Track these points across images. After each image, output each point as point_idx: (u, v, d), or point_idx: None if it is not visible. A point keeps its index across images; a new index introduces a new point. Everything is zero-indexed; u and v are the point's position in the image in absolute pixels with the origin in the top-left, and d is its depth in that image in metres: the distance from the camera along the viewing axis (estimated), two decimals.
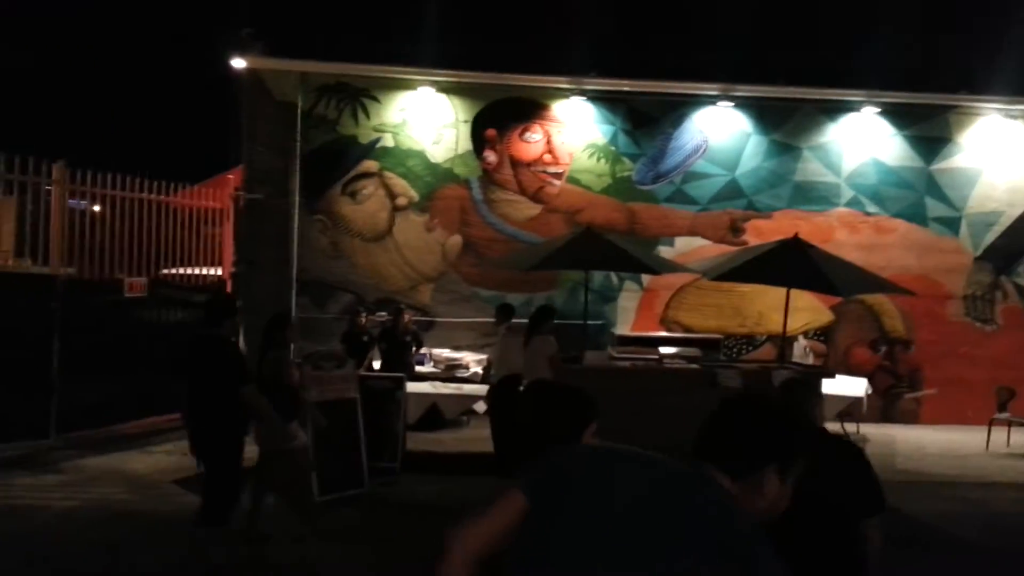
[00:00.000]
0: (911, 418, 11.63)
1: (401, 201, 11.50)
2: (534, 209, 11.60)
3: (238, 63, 11.09)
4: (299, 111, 11.32)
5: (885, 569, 5.82)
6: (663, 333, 11.25)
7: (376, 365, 9.48)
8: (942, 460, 9.39)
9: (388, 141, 11.48)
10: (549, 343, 7.74)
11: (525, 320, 8.25)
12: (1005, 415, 10.22)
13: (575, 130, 11.64)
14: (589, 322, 9.71)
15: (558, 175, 11.64)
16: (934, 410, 11.60)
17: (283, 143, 11.25)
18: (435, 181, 11.54)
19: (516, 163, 11.59)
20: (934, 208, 11.72)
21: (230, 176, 11.58)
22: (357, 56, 11.29)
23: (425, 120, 11.51)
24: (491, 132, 11.54)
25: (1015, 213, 11.79)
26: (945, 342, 11.66)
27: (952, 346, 11.66)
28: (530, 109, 11.63)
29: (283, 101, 11.29)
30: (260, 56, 11.14)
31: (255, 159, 11.25)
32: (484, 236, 11.54)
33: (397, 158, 11.49)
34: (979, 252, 11.75)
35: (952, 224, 11.75)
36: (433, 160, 11.53)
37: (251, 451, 5.48)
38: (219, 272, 11.15)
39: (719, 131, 11.69)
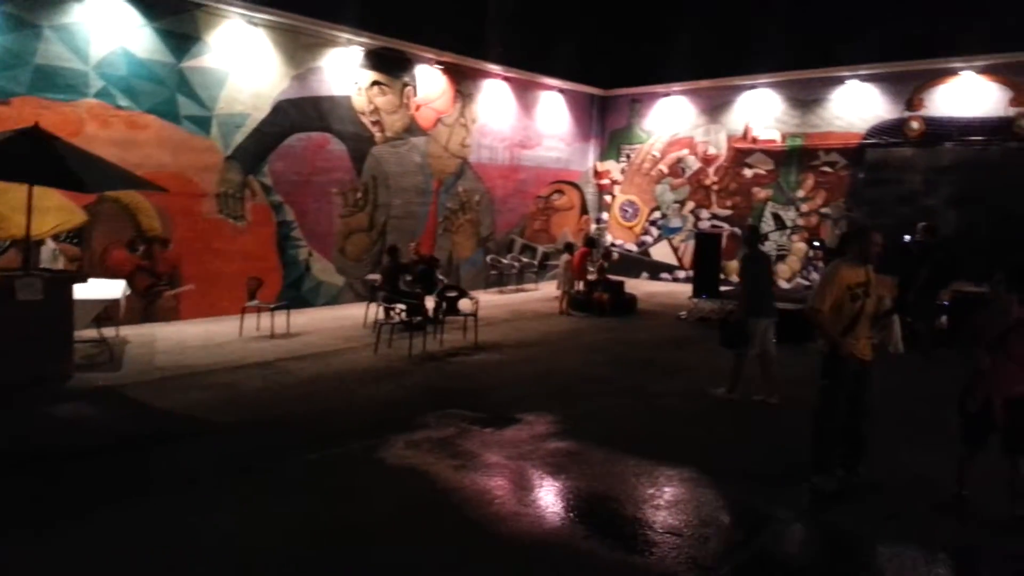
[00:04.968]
0: (172, 315, 11.90)
1: None
2: None
3: None
4: None
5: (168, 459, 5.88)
6: None
7: None
8: (201, 351, 9.90)
9: None
10: None
11: None
12: (255, 303, 11.38)
13: None
14: None
15: None
16: (193, 305, 12.12)
17: None
18: None
19: None
20: (186, 106, 11.86)
21: None
22: None
23: None
24: None
25: (259, 117, 12.82)
26: (201, 239, 12.18)
27: (207, 242, 12.26)
28: None
29: None
30: None
31: None
32: None
33: None
34: (229, 152, 12.45)
35: (204, 124, 12.12)
36: None
37: None
38: None
39: None
